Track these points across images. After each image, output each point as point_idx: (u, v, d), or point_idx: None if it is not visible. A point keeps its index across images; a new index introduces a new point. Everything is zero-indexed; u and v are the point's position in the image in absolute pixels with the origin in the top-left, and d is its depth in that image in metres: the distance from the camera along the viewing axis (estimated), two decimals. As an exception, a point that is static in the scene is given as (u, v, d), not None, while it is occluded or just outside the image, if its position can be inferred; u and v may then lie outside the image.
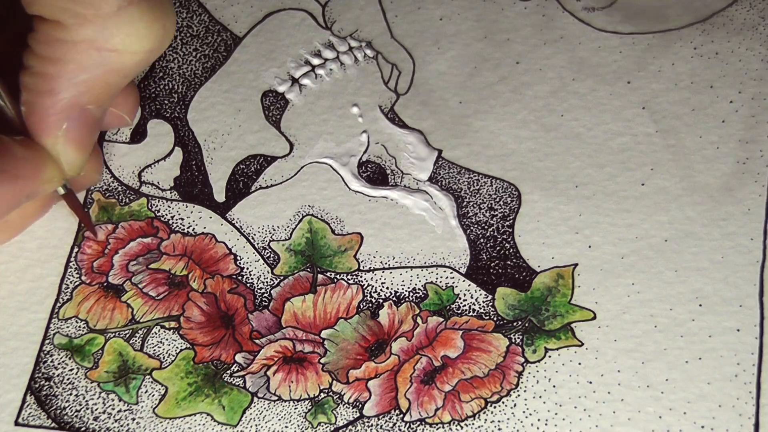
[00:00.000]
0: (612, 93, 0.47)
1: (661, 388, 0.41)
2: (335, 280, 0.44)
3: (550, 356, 0.42)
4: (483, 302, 0.43)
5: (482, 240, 0.45)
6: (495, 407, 0.41)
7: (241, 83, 0.49)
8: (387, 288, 0.44)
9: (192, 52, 0.50)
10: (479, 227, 0.45)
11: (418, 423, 0.41)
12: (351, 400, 0.42)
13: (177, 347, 0.43)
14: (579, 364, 0.41)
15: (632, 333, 0.42)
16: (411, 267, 0.44)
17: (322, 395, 0.42)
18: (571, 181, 0.45)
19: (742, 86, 0.47)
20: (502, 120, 0.47)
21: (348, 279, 0.44)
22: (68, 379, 0.43)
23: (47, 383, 0.43)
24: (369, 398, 0.42)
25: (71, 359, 0.43)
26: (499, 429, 0.41)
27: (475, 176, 0.46)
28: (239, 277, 0.45)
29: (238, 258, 0.45)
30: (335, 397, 0.42)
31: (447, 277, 0.44)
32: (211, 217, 0.46)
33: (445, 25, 0.50)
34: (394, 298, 0.44)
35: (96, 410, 0.42)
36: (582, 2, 0.50)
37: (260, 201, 0.47)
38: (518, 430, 0.40)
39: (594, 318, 0.42)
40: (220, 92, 0.49)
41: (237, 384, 0.42)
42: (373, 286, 0.44)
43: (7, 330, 0.44)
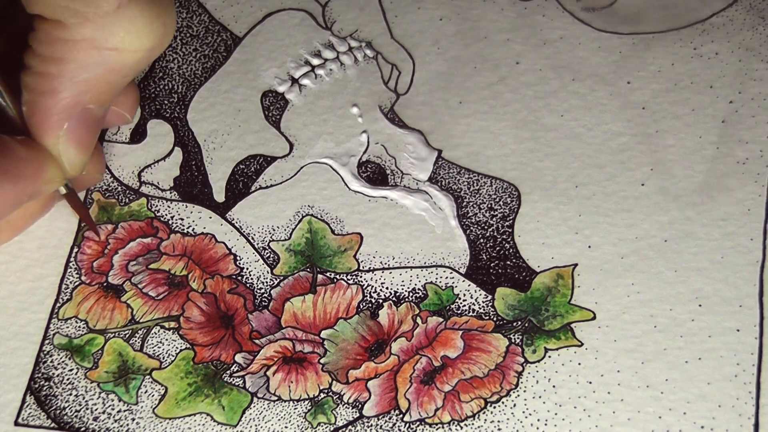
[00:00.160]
0: (612, 93, 0.47)
1: (661, 388, 0.41)
2: (335, 280, 0.44)
3: (550, 356, 0.42)
4: (483, 302, 0.43)
5: (482, 240, 0.45)
6: (495, 407, 0.41)
7: (241, 83, 0.49)
8: (387, 288, 0.44)
9: (192, 52, 0.50)
10: (479, 227, 0.45)
11: (418, 423, 0.41)
12: (351, 401, 0.42)
13: (177, 347, 0.43)
14: (579, 365, 0.41)
15: (632, 333, 0.42)
16: (411, 267, 0.44)
17: (322, 395, 0.42)
18: (571, 181, 0.45)
19: (742, 86, 0.47)
20: (502, 120, 0.47)
21: (348, 279, 0.44)
22: (68, 380, 0.43)
23: (47, 383, 0.43)
24: (369, 398, 0.42)
25: (71, 359, 0.43)
26: (499, 429, 0.41)
27: (475, 176, 0.46)
28: (239, 278, 0.45)
29: (238, 258, 0.45)
30: (335, 398, 0.42)
31: (447, 278, 0.44)
32: (211, 218, 0.46)
33: (445, 25, 0.50)
34: (394, 299, 0.44)
35: (96, 410, 0.42)
36: (582, 2, 0.50)
37: (260, 201, 0.47)
38: (518, 430, 0.40)
39: (594, 318, 0.42)
40: (220, 92, 0.49)
41: (237, 384, 0.42)
42: (373, 287, 0.44)
43: (7, 330, 0.44)
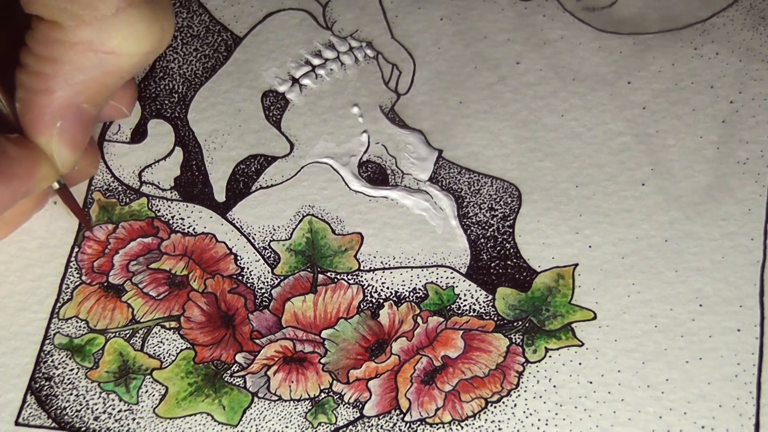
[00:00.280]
0: (612, 93, 0.47)
1: (662, 388, 0.41)
2: (335, 280, 0.44)
3: (551, 356, 0.42)
4: (483, 302, 0.43)
5: (483, 240, 0.45)
6: (495, 407, 0.41)
7: (242, 83, 0.49)
8: (387, 288, 0.44)
9: (192, 52, 0.50)
10: (479, 227, 0.45)
11: (419, 423, 0.41)
12: (351, 400, 0.42)
13: (177, 347, 0.43)
14: (579, 364, 0.41)
15: (632, 333, 0.42)
16: (411, 267, 0.44)
17: (323, 395, 0.42)
18: (572, 181, 0.45)
19: (742, 86, 0.47)
20: (503, 120, 0.47)
21: (348, 279, 0.44)
22: (68, 379, 0.43)
23: (47, 383, 0.43)
24: (369, 398, 0.42)
25: (71, 359, 0.43)
26: (500, 429, 0.41)
27: (476, 176, 0.46)
28: (239, 277, 0.45)
29: (239, 258, 0.45)
30: (335, 397, 0.42)
31: (447, 277, 0.44)
32: (212, 217, 0.46)
33: (446, 25, 0.50)
34: (395, 298, 0.44)
35: (96, 410, 0.42)
36: (582, 2, 0.50)
37: (260, 201, 0.47)
38: (518, 430, 0.40)
39: (594, 318, 0.42)
40: (221, 92, 0.49)
41: (237, 384, 0.42)
42: (374, 286, 0.44)
43: (7, 330, 0.44)
